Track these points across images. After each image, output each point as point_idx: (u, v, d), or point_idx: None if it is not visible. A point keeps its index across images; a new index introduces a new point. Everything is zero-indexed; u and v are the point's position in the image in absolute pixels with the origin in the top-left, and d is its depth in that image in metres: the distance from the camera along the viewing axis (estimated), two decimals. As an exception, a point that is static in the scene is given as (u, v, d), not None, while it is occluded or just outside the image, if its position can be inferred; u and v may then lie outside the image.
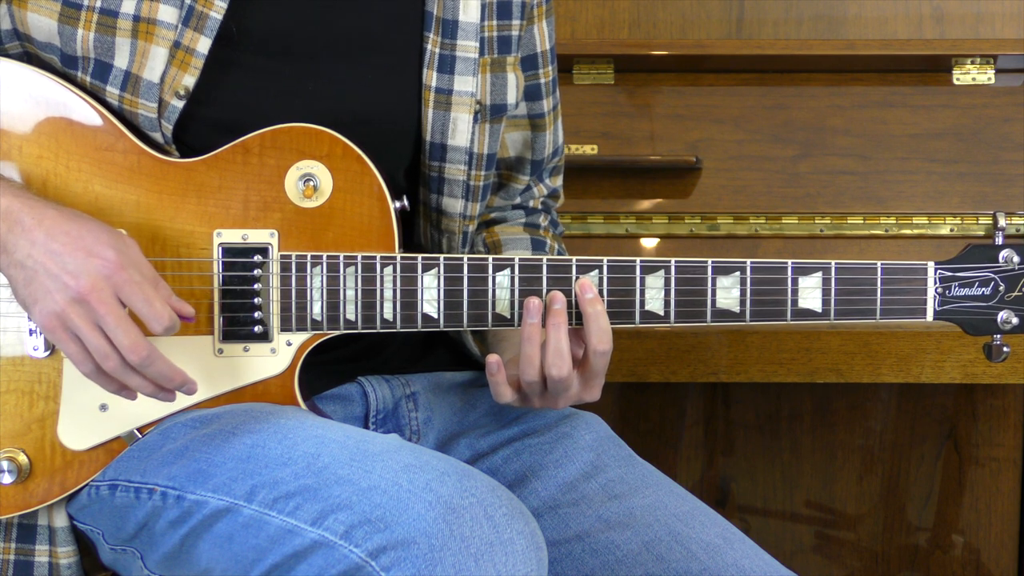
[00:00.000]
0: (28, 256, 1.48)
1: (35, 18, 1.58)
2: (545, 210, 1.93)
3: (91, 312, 1.46)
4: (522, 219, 1.90)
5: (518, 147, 1.87)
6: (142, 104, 1.58)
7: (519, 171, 1.89)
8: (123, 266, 1.47)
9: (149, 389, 1.51)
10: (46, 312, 1.47)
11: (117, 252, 1.48)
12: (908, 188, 2.30)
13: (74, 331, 1.47)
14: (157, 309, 1.48)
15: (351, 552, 1.39)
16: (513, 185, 1.89)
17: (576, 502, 1.66)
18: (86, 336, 1.47)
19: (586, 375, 1.61)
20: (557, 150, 1.92)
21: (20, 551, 1.63)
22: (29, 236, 1.48)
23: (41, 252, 1.47)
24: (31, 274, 1.48)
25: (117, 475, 1.59)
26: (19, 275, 1.49)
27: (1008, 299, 1.62)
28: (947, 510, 2.72)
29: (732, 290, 1.61)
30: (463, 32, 1.72)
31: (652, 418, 2.70)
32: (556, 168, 1.94)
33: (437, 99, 1.72)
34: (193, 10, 1.58)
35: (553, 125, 1.89)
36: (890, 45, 2.39)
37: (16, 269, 1.49)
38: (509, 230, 1.87)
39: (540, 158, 1.89)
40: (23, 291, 1.49)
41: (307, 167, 1.59)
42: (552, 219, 1.94)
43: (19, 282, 1.49)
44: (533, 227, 1.89)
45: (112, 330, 1.46)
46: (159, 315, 1.48)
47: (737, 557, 1.61)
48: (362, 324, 1.59)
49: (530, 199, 1.91)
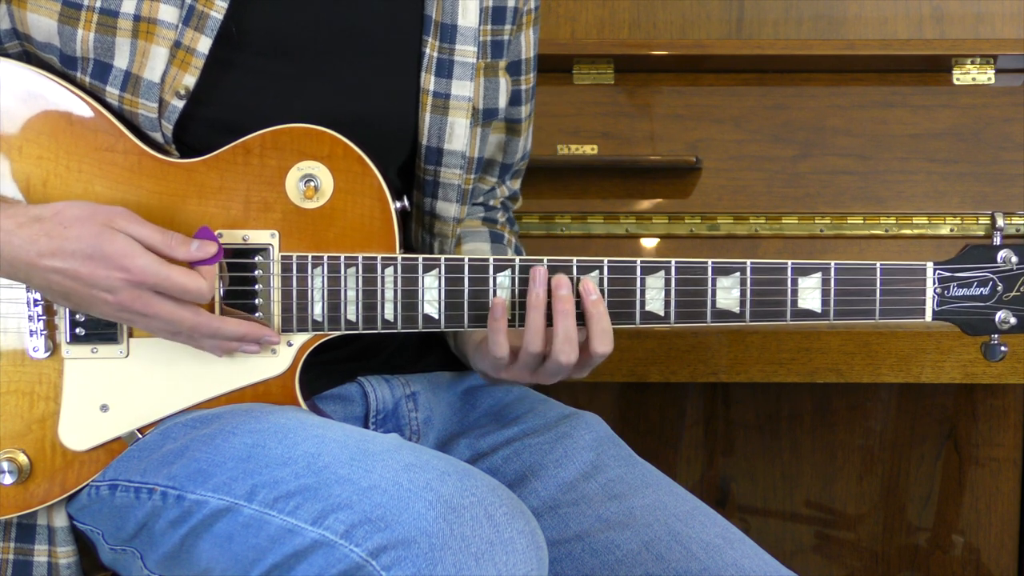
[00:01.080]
0: (51, 283, 1.51)
1: (34, 18, 1.58)
2: (503, 208, 1.94)
3: (140, 313, 1.51)
4: (481, 214, 1.91)
5: (491, 150, 1.88)
6: (142, 104, 1.58)
7: (489, 173, 1.90)
8: (145, 269, 1.49)
9: (233, 347, 1.56)
10: (105, 316, 1.53)
11: (129, 257, 1.49)
12: (908, 188, 2.30)
13: (139, 324, 1.54)
14: (192, 289, 1.51)
15: (351, 551, 1.39)
16: (480, 185, 1.90)
17: (576, 502, 1.66)
18: (150, 326, 1.53)
19: (581, 364, 1.62)
20: (525, 155, 1.93)
21: (19, 551, 1.63)
22: (38, 268, 1.50)
23: (61, 278, 1.50)
24: (65, 292, 1.51)
25: (117, 475, 1.59)
26: (52, 294, 1.53)
27: (1006, 299, 1.62)
28: (947, 510, 2.72)
29: (732, 290, 1.61)
30: (461, 37, 1.72)
31: (652, 418, 2.70)
32: (519, 171, 1.95)
33: (435, 103, 1.72)
34: (194, 10, 1.58)
35: (527, 132, 1.90)
36: (890, 45, 2.39)
37: (45, 291, 1.53)
38: (468, 223, 1.88)
39: (510, 162, 1.90)
40: (66, 303, 1.54)
41: (308, 168, 1.59)
42: (509, 217, 1.95)
43: (57, 298, 1.54)
44: (491, 221, 1.90)
45: (168, 322, 1.51)
46: (198, 292, 1.51)
47: (737, 557, 1.61)
48: (363, 325, 1.59)
49: (491, 198, 1.92)
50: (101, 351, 1.57)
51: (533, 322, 1.58)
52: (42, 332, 1.58)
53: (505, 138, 1.88)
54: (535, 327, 1.58)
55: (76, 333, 1.58)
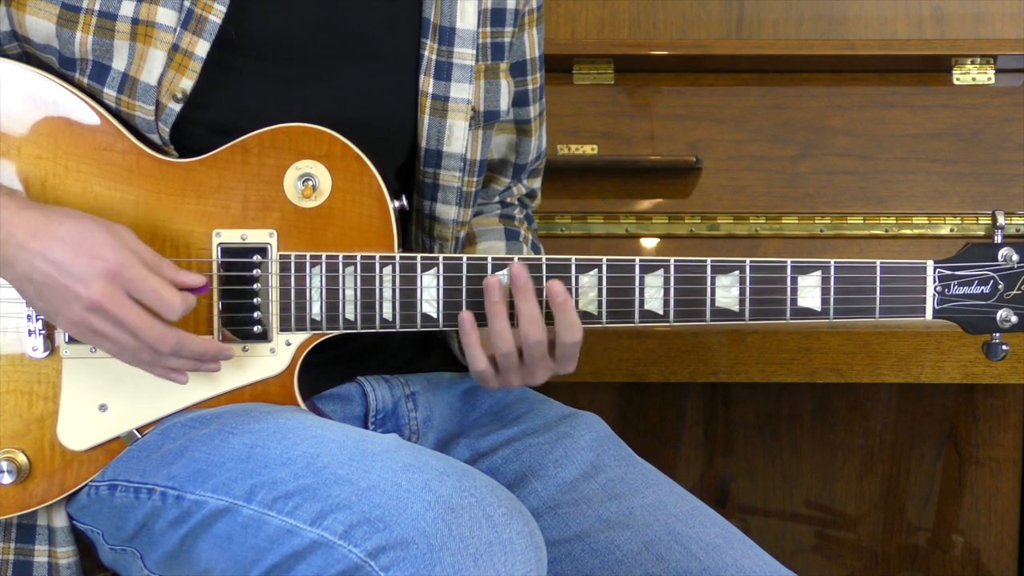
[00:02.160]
0: (33, 269, 1.49)
1: (33, 21, 1.58)
2: (521, 205, 1.94)
3: (110, 316, 1.49)
4: (497, 211, 1.90)
5: (502, 150, 1.88)
6: (139, 106, 1.58)
7: (501, 173, 1.89)
8: (126, 263, 1.48)
9: (191, 366, 1.55)
10: (69, 322, 1.50)
11: (117, 249, 1.48)
12: (908, 188, 2.30)
13: (101, 334, 1.50)
14: (167, 299, 1.49)
15: (350, 552, 1.39)
16: (494, 186, 1.90)
17: (576, 502, 1.66)
18: (113, 338, 1.50)
19: (559, 356, 1.61)
20: (540, 154, 1.92)
21: (19, 551, 1.63)
22: (26, 249, 1.49)
23: (43, 263, 1.48)
24: (40, 287, 1.49)
25: (116, 475, 1.59)
26: (29, 288, 1.51)
27: (1007, 297, 1.62)
28: (947, 510, 2.71)
29: (731, 289, 1.60)
30: (460, 39, 1.72)
31: (652, 418, 2.70)
32: (536, 170, 1.95)
33: (433, 106, 1.72)
34: (192, 13, 1.58)
35: (539, 131, 1.90)
36: (890, 45, 2.39)
37: (24, 283, 1.51)
38: (484, 221, 1.87)
39: (523, 162, 1.89)
40: (39, 303, 1.51)
41: (306, 167, 1.59)
42: (527, 214, 1.95)
43: (31, 295, 1.51)
44: (508, 218, 1.89)
45: (135, 329, 1.49)
46: (170, 305, 1.49)
47: (737, 557, 1.61)
48: (361, 324, 1.59)
49: (508, 196, 1.92)
50: (100, 350, 1.57)
51: (497, 328, 1.58)
52: (41, 332, 1.58)
53: (516, 139, 1.88)
54: (500, 332, 1.58)
55: (75, 333, 1.58)
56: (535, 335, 1.59)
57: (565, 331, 1.59)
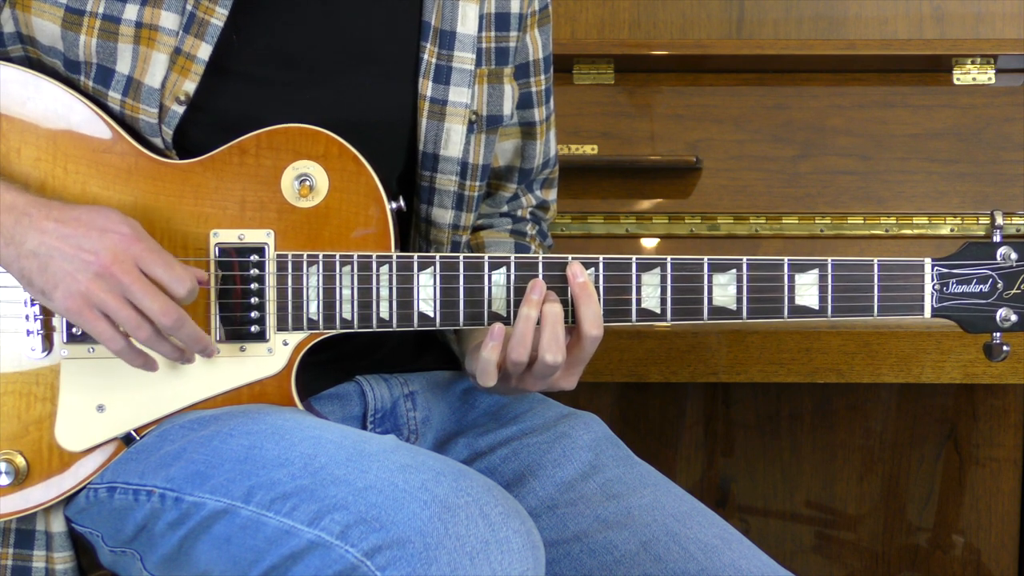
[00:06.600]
0: (40, 244, 1.49)
1: (39, 22, 1.59)
2: (534, 220, 1.93)
3: (116, 284, 1.48)
4: (508, 226, 1.90)
5: (508, 156, 1.87)
6: (143, 109, 1.58)
7: (507, 179, 1.89)
8: (139, 238, 1.50)
9: (175, 354, 1.54)
10: (70, 293, 1.49)
11: (132, 226, 1.50)
12: (908, 188, 2.30)
13: (101, 308, 1.49)
14: (178, 272, 1.50)
15: (347, 552, 1.39)
16: (501, 193, 1.89)
17: (574, 502, 1.66)
18: (115, 309, 1.49)
19: (572, 360, 1.61)
20: (548, 161, 1.91)
21: (18, 556, 1.63)
22: (38, 226, 1.49)
23: (53, 238, 1.49)
24: (45, 260, 1.49)
25: (115, 477, 1.59)
26: (32, 264, 1.50)
27: (1007, 296, 1.61)
28: (947, 510, 2.71)
29: (728, 287, 1.60)
30: (460, 43, 1.73)
31: (652, 418, 2.70)
32: (548, 180, 1.94)
33: (431, 109, 1.72)
34: (194, 17, 1.59)
35: (545, 135, 1.89)
36: (890, 45, 2.39)
37: (29, 259, 1.50)
38: (495, 235, 1.87)
39: (530, 167, 1.89)
40: (40, 279, 1.50)
41: (303, 167, 1.59)
42: (541, 230, 1.94)
43: (34, 271, 1.50)
44: (519, 234, 1.89)
45: (140, 298, 1.48)
46: (181, 278, 1.50)
47: (735, 558, 1.61)
48: (358, 323, 1.59)
49: (517, 208, 1.91)
50: (98, 350, 1.57)
51: (521, 331, 1.58)
52: (39, 332, 1.58)
53: (521, 142, 1.87)
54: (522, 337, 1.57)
55: (73, 332, 1.57)
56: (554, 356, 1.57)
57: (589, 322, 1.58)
